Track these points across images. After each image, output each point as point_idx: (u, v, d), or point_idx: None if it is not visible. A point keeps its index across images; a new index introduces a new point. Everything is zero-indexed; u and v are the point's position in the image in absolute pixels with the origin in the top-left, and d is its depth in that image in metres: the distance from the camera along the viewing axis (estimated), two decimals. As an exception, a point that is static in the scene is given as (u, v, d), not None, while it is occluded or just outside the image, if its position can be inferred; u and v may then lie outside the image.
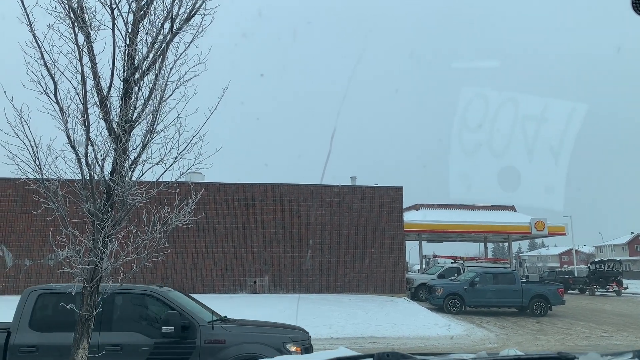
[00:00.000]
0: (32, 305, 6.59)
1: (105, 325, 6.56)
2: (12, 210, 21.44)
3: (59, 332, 6.44)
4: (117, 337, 6.55)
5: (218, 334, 6.78)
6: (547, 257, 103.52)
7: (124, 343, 6.49)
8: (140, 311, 7.11)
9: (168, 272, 22.04)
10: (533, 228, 34.09)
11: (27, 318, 6.51)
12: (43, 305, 6.71)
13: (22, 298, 6.66)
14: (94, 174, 5.92)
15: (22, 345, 6.26)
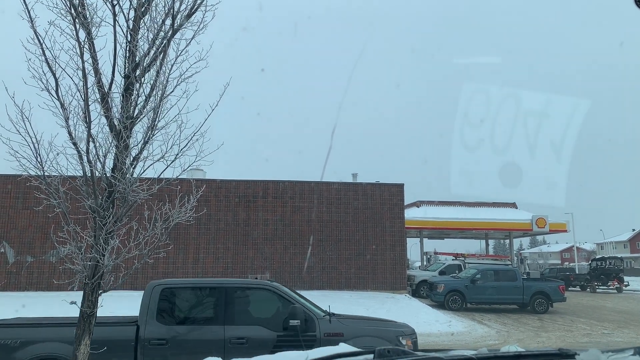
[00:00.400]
0: (157, 299, 6.68)
1: (229, 319, 6.67)
2: (14, 207, 21.47)
3: (186, 325, 6.59)
4: (241, 330, 6.63)
5: (336, 327, 6.86)
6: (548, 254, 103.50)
7: (249, 336, 6.58)
8: (260, 305, 7.19)
9: (169, 269, 22.06)
10: (534, 225, 34.07)
11: (154, 312, 6.59)
12: (167, 299, 6.78)
13: (146, 292, 6.74)
14: (95, 170, 5.93)
15: (152, 338, 6.35)
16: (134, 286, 20.40)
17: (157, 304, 6.65)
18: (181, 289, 7.16)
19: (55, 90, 5.75)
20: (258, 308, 7.15)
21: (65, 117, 5.78)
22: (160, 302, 6.67)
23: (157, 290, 6.76)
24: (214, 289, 7.00)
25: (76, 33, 5.72)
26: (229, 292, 6.77)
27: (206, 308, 6.89)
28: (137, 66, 6.05)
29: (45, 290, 20.02)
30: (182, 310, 6.88)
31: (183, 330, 6.54)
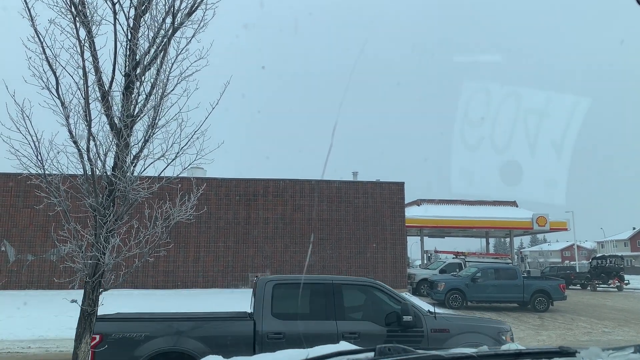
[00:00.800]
0: (271, 295, 6.81)
1: (340, 314, 6.82)
2: (15, 205, 21.48)
3: (299, 320, 6.73)
4: (353, 325, 6.79)
5: (441, 323, 7.02)
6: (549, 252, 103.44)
7: (360, 331, 6.70)
8: (367, 301, 7.36)
9: (170, 267, 22.09)
10: (535, 223, 34.06)
11: (269, 307, 6.72)
12: (279, 295, 6.90)
13: (259, 288, 6.84)
14: (95, 169, 5.93)
15: (269, 333, 6.48)
16: (135, 285, 20.44)
17: (270, 300, 6.79)
18: (291, 284, 7.35)
19: (55, 88, 5.76)
20: (365, 304, 7.33)
21: (66, 116, 5.78)
22: (274, 298, 6.82)
23: (269, 286, 6.89)
24: (322, 285, 7.19)
25: (76, 31, 5.73)
26: (336, 288, 6.99)
27: (317, 303, 7.04)
28: (137, 64, 6.05)
29: (46, 288, 20.04)
30: (294, 305, 7.00)
31: (298, 324, 6.67)
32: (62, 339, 12.40)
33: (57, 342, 12.35)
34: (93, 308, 5.97)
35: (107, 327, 6.10)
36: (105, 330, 6.04)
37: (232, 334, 6.47)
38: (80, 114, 5.82)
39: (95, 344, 5.88)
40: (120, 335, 6.04)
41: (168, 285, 21.86)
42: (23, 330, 13.32)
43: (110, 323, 6.29)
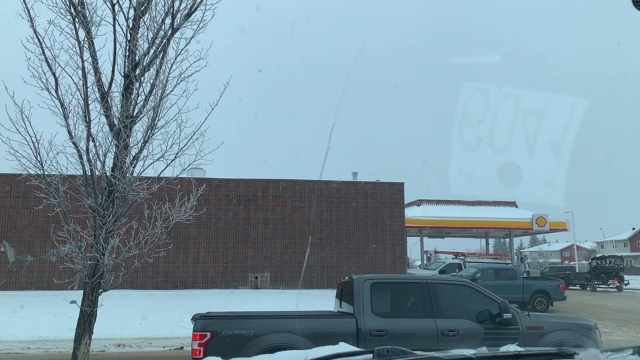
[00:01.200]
0: (369, 294, 6.96)
1: (437, 312, 6.97)
2: (14, 206, 21.47)
3: (399, 318, 6.92)
4: (451, 323, 6.91)
5: (535, 321, 7.17)
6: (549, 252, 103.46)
7: (459, 328, 6.86)
8: (462, 300, 7.52)
9: (169, 268, 22.08)
10: (534, 224, 34.09)
11: (369, 305, 6.86)
12: (377, 293, 7.04)
13: (357, 287, 6.99)
14: (95, 169, 5.93)
15: (372, 330, 6.63)
16: (134, 285, 20.43)
17: (370, 298, 6.93)
18: (388, 283, 7.61)
19: (55, 89, 5.76)
20: (461, 302, 7.47)
21: (65, 116, 5.78)
22: (373, 296, 6.96)
23: (367, 285, 7.04)
24: (418, 284, 7.34)
25: (76, 32, 5.73)
26: (432, 287, 7.13)
27: (415, 301, 7.19)
28: (136, 65, 6.05)
29: (45, 289, 20.03)
30: (393, 303, 7.22)
31: (398, 322, 6.85)
32: (62, 340, 12.40)
33: (56, 343, 12.34)
34: (92, 309, 5.96)
35: (217, 325, 6.42)
36: (216, 327, 6.35)
37: (336, 331, 6.65)
38: (80, 114, 5.83)
39: (207, 341, 6.16)
40: (230, 332, 6.34)
41: (168, 286, 21.86)
42: (22, 331, 13.31)
43: (220, 321, 6.61)
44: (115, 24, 5.94)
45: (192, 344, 6.28)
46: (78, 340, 5.87)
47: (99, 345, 11.62)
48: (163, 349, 12.14)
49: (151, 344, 12.69)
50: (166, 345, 12.49)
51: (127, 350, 12.00)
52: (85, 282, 6.00)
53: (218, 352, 5.95)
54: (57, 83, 5.75)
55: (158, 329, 14.16)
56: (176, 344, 12.51)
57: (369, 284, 7.06)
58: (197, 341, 6.21)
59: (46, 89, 5.75)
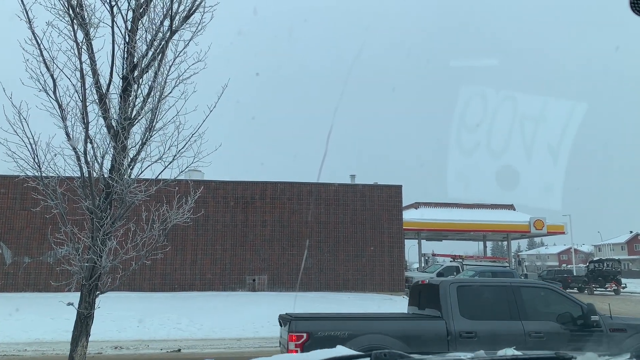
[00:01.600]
0: (456, 296, 7.11)
1: (523, 314, 7.13)
2: (11, 208, 21.43)
3: (487, 320, 7.04)
4: (537, 325, 7.08)
5: (617, 323, 7.30)
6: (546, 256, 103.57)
7: (545, 330, 7.02)
8: (545, 302, 7.67)
9: (167, 270, 22.04)
10: (532, 227, 34.10)
11: (456, 307, 7.02)
12: (463, 296, 7.19)
13: (443, 290, 7.17)
14: (93, 171, 5.92)
15: (461, 332, 6.79)
16: (132, 287, 20.38)
17: (457, 301, 7.07)
18: (473, 286, 7.75)
19: (53, 91, 5.75)
20: (545, 305, 7.60)
21: (63, 118, 5.77)
22: (459, 299, 7.11)
23: (453, 288, 7.20)
24: (502, 287, 7.48)
25: (74, 34, 5.72)
26: (516, 290, 7.30)
27: (501, 304, 7.30)
28: (135, 67, 6.05)
29: (42, 291, 19.98)
30: (479, 306, 7.32)
31: (486, 324, 6.97)
32: (59, 342, 12.36)
33: (53, 345, 12.31)
34: (89, 311, 5.95)
35: (312, 326, 6.61)
36: (311, 328, 6.54)
37: (427, 332, 6.86)
38: (78, 116, 5.82)
39: (304, 342, 6.36)
40: (325, 333, 6.52)
41: (165, 288, 21.81)
42: (19, 333, 13.27)
43: (316, 322, 6.86)
44: (113, 25, 5.94)
45: (289, 345, 6.47)
46: (75, 343, 5.86)
47: (96, 348, 11.59)
48: (160, 351, 12.12)
49: (148, 346, 12.66)
50: (163, 347, 12.47)
51: (124, 352, 11.97)
52: (82, 284, 5.99)
53: None
54: (55, 85, 5.75)
55: (155, 331, 14.13)
56: (173, 347, 12.48)
57: (455, 287, 7.23)
58: (294, 342, 6.41)
59: (44, 91, 5.74)
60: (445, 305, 7.02)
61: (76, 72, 5.79)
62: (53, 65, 5.70)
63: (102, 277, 6.12)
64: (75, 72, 5.78)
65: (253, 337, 14.06)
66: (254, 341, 13.61)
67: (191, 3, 6.17)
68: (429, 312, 7.46)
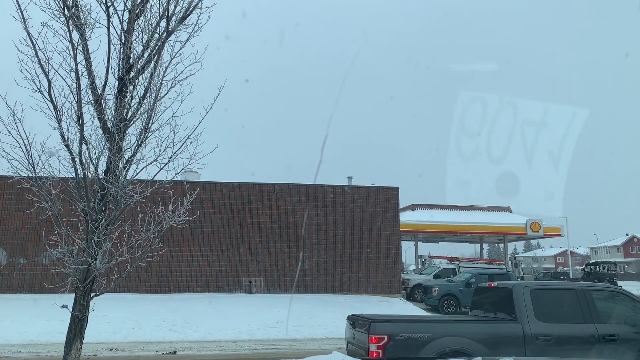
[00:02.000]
0: (530, 299, 7.22)
1: (595, 317, 7.22)
2: (6, 209, 21.33)
3: (561, 323, 7.14)
4: (610, 328, 7.14)
5: None
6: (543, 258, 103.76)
7: (618, 333, 7.07)
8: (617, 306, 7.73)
9: (163, 272, 21.96)
10: (529, 229, 34.13)
11: (531, 310, 7.13)
12: (536, 299, 7.30)
13: (517, 294, 7.30)
14: (88, 173, 5.89)
15: (538, 335, 6.89)
16: (127, 289, 20.29)
17: (531, 304, 7.20)
18: (546, 290, 7.82)
19: (48, 91, 5.71)
20: (616, 309, 7.68)
21: (58, 119, 5.73)
22: (533, 302, 7.23)
23: (527, 292, 7.33)
24: (574, 290, 7.58)
25: (69, 34, 5.69)
26: (587, 294, 7.40)
27: (574, 307, 7.39)
28: (131, 68, 6.01)
29: (37, 292, 19.88)
30: (553, 309, 7.40)
31: (561, 327, 7.09)
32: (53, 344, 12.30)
33: (47, 347, 12.25)
34: (84, 314, 5.90)
35: (393, 328, 6.81)
36: (392, 331, 6.72)
37: (503, 335, 6.99)
38: (73, 117, 5.78)
39: (385, 344, 6.54)
40: (405, 335, 6.70)
41: (161, 290, 21.74)
42: (14, 334, 13.20)
43: (396, 324, 7.11)
44: (109, 26, 5.90)
45: (370, 346, 6.60)
46: (69, 346, 5.81)
47: (91, 349, 11.53)
48: (156, 353, 12.07)
49: (144, 348, 12.61)
50: (159, 349, 12.42)
51: (120, 354, 11.92)
52: (76, 287, 5.94)
53: (395, 354, 6.49)
54: (51, 85, 5.71)
55: (151, 333, 14.08)
56: (169, 349, 12.43)
57: (528, 290, 7.34)
58: (375, 344, 6.56)
59: (39, 91, 5.70)
60: (520, 309, 7.14)
61: (71, 73, 5.75)
62: (48, 66, 5.67)
63: (97, 279, 6.08)
64: (71, 72, 5.75)
65: (249, 340, 14.02)
66: (250, 343, 13.58)
67: (187, 4, 6.15)
68: (500, 315, 7.60)
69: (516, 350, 6.73)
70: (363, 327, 7.06)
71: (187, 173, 8.15)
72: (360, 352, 7.02)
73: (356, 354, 7.14)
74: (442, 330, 6.91)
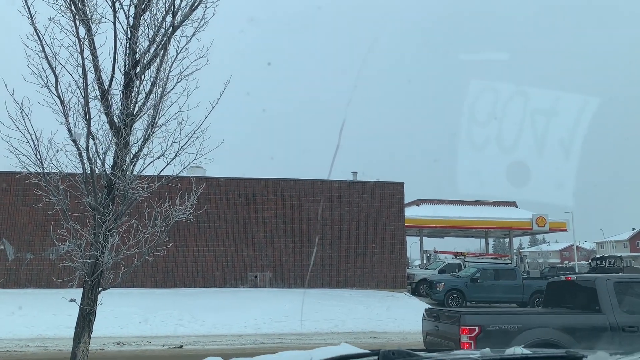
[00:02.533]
0: (614, 291, 7.37)
1: None
2: (13, 204, 21.45)
3: None
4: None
5: None
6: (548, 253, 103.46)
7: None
8: None
9: (169, 267, 22.06)
10: (534, 224, 34.05)
11: (616, 302, 7.28)
12: (620, 291, 7.45)
13: (600, 286, 7.46)
14: (95, 167, 5.91)
15: (624, 326, 7.04)
16: (134, 284, 20.41)
17: (615, 296, 7.33)
18: (628, 282, 8.01)
19: (55, 87, 5.74)
20: None
21: (65, 114, 5.76)
22: (617, 294, 7.37)
23: (610, 284, 7.46)
24: None
25: (76, 30, 5.70)
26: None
27: None
28: (137, 63, 6.03)
29: (44, 287, 20.01)
30: (636, 301, 7.55)
31: None
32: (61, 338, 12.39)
33: (55, 341, 12.34)
34: (92, 307, 5.94)
35: (484, 320, 7.07)
36: (483, 322, 6.96)
37: (589, 326, 7.12)
38: (80, 112, 5.80)
39: (476, 335, 6.77)
40: (497, 326, 6.93)
41: (167, 285, 21.85)
42: (22, 329, 13.31)
43: (487, 316, 7.41)
44: (115, 21, 5.92)
45: (461, 337, 6.82)
46: (77, 339, 5.85)
47: (98, 344, 11.61)
48: (162, 347, 12.14)
49: (150, 342, 12.69)
50: (165, 343, 12.49)
51: (127, 348, 12.00)
52: (84, 281, 5.98)
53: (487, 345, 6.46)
54: (57, 81, 5.73)
55: (157, 328, 14.16)
56: (175, 343, 12.50)
57: (612, 282, 7.48)
58: (467, 335, 6.80)
59: (46, 87, 5.73)
60: (604, 301, 7.26)
61: (78, 68, 5.77)
62: (55, 61, 5.69)
63: (105, 273, 6.12)
64: (77, 68, 5.77)
65: (254, 334, 14.08)
66: (256, 337, 13.64)
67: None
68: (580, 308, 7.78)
69: (603, 341, 6.87)
70: (450, 319, 7.35)
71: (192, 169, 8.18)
72: (447, 344, 7.24)
73: (441, 346, 7.40)
74: (531, 321, 7.12)
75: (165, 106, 6.15)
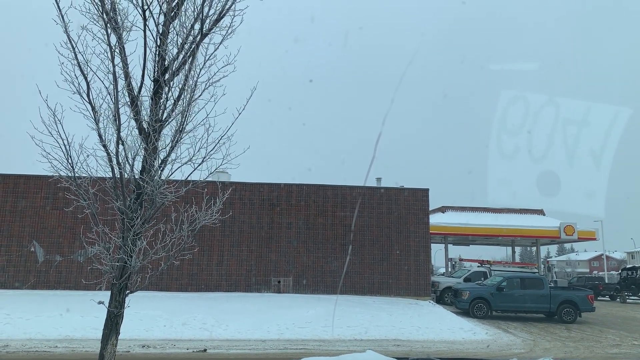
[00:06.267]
0: None
1: None
2: (44, 207, 21.96)
3: None
4: None
5: None
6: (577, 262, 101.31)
7: None
8: None
9: (194, 270, 22.28)
10: (562, 232, 33.40)
11: None
12: None
13: None
14: (124, 172, 6.02)
15: None
16: (160, 287, 20.68)
17: None
18: None
19: (86, 93, 5.88)
20: None
21: (96, 120, 5.89)
22: None
23: None
24: None
25: (107, 37, 5.84)
26: None
27: None
28: (166, 70, 6.13)
29: (73, 289, 20.42)
30: None
31: None
32: (88, 339, 12.62)
33: (82, 342, 12.57)
34: (120, 310, 6.04)
35: None
36: None
37: None
38: (110, 118, 5.93)
39: None
40: None
41: (191, 288, 22.06)
42: (50, 329, 13.59)
43: None
44: (145, 29, 6.04)
45: None
46: (105, 341, 5.95)
47: (124, 346, 11.78)
48: (187, 350, 12.25)
49: (175, 345, 12.82)
50: (189, 347, 12.60)
51: (152, 351, 12.14)
52: (112, 284, 6.09)
53: None
54: (89, 87, 5.87)
55: (182, 331, 14.30)
56: (199, 347, 12.60)
57: None
58: None
59: (78, 93, 5.87)
60: None
61: (109, 75, 5.90)
62: (87, 68, 5.83)
63: (132, 276, 6.22)
64: (108, 74, 5.90)
65: (278, 339, 14.11)
66: (279, 343, 13.66)
67: (221, 7, 6.24)
68: None
69: None
70: None
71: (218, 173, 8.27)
72: None
73: None
74: None
75: (193, 112, 6.25)
